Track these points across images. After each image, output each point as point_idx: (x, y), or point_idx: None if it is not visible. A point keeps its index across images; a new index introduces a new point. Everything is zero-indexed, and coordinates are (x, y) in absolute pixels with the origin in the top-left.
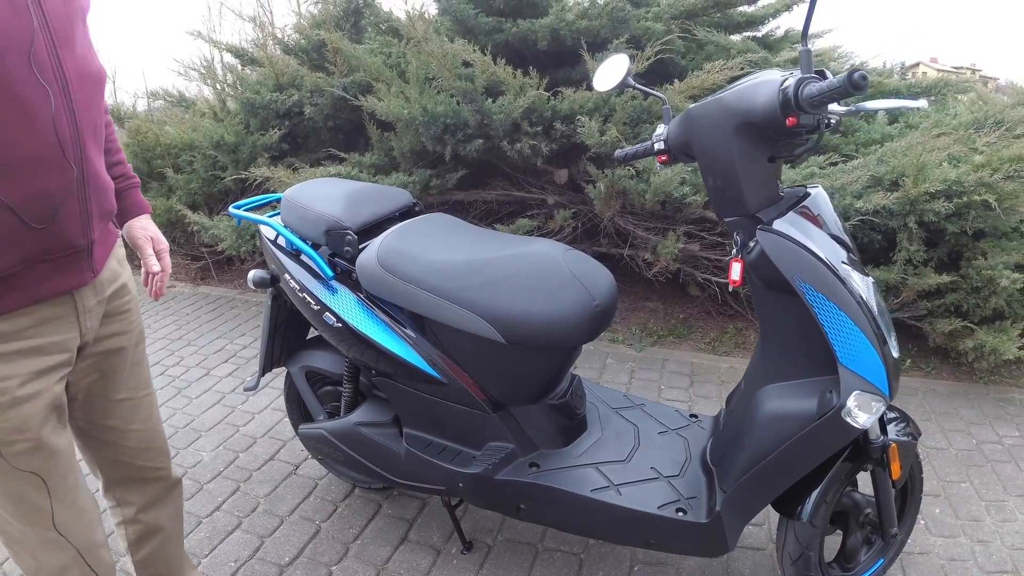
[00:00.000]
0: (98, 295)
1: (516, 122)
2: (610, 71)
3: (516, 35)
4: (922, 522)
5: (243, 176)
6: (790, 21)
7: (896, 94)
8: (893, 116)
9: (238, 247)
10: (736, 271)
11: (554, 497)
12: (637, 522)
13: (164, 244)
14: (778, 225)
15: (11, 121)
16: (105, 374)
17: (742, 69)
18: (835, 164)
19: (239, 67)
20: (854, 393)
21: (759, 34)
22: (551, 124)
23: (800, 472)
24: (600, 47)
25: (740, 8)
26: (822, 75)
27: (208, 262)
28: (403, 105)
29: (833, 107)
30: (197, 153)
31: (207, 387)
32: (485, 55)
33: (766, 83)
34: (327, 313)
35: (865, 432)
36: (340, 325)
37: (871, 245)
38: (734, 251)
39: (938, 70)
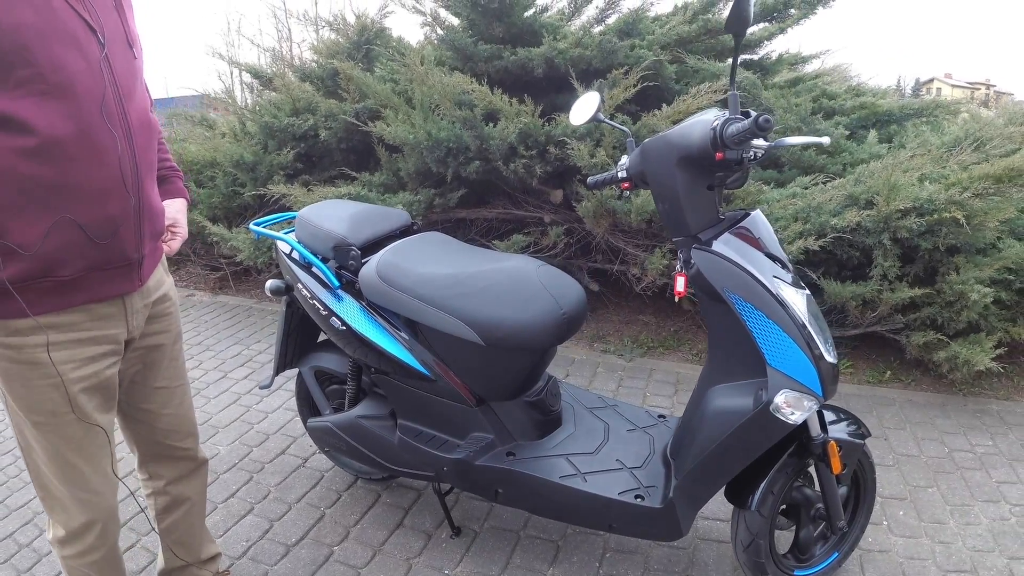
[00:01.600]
0: (144, 299)
1: (512, 146)
2: (583, 107)
3: (514, 63)
4: (885, 523)
5: (262, 192)
6: (784, 44)
7: (887, 115)
8: (886, 136)
9: (255, 259)
10: (680, 284)
11: (527, 482)
12: (599, 506)
13: (182, 231)
14: (715, 245)
15: (86, 159)
16: (147, 365)
17: (727, 92)
18: (816, 184)
19: (257, 86)
20: (782, 391)
21: (755, 57)
22: (545, 147)
23: (740, 462)
24: (593, 75)
25: (724, 38)
26: (747, 115)
27: (226, 272)
28: (409, 130)
29: (758, 143)
30: (218, 170)
31: (224, 388)
32: (483, 85)
33: (701, 122)
34: (334, 318)
35: (808, 430)
36: (345, 328)
37: (849, 261)
38: (678, 267)
39: (952, 85)
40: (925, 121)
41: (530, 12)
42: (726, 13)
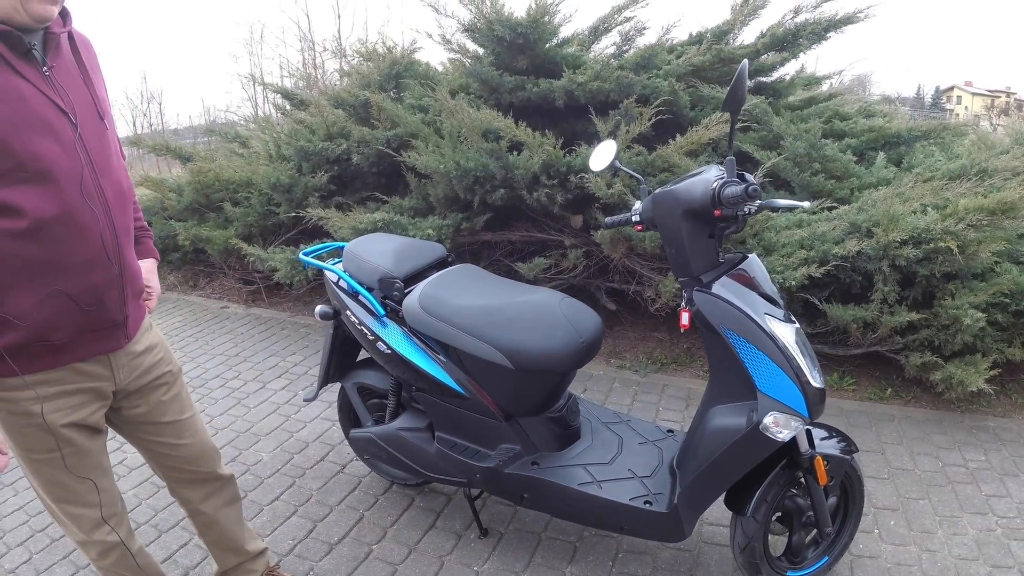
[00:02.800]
0: (129, 354)
1: (536, 175)
2: (602, 154)
3: (537, 94)
4: (876, 531)
5: (300, 215)
6: (798, 65)
7: (896, 137)
8: (896, 158)
9: (291, 277)
10: (685, 318)
11: (549, 488)
12: (612, 510)
13: (155, 290)
14: (714, 287)
15: (71, 236)
16: (151, 406)
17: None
18: (826, 209)
19: (287, 107)
20: (770, 413)
21: (769, 79)
22: (566, 177)
23: (735, 474)
24: (611, 105)
25: (737, 66)
26: (742, 178)
27: (259, 286)
28: (439, 160)
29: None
30: (254, 190)
31: (264, 398)
32: (508, 116)
33: (703, 180)
34: (380, 342)
35: (797, 446)
36: (390, 352)
37: (852, 285)
38: (683, 303)
39: (973, 93)
40: (932, 143)
41: (551, 44)
42: (740, 39)
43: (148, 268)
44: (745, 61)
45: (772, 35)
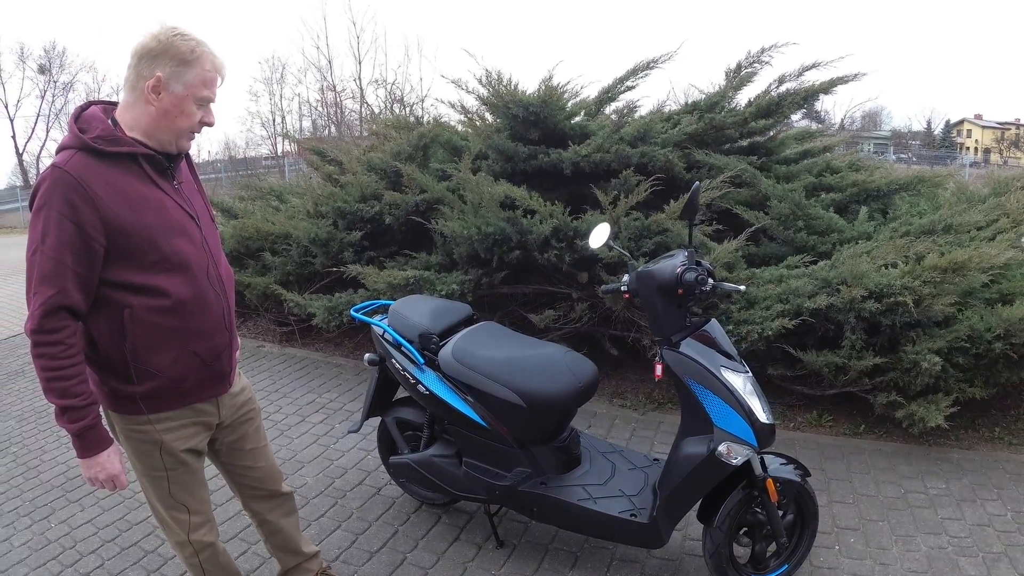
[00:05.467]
0: (231, 395)
1: (547, 238)
2: (599, 234)
3: (547, 163)
4: (837, 547)
5: (340, 270)
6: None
7: (877, 191)
8: (881, 209)
9: (328, 322)
10: (659, 370)
11: (555, 503)
12: (605, 521)
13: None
14: (681, 346)
15: (201, 311)
16: (240, 436)
17: (721, 191)
18: (804, 265)
19: (318, 160)
20: (724, 443)
21: (761, 139)
22: (573, 240)
23: (700, 491)
24: (612, 174)
25: (728, 131)
26: (699, 264)
27: (294, 328)
28: (463, 226)
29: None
30: (292, 242)
31: (304, 431)
32: (521, 184)
33: (671, 265)
34: (420, 385)
35: (752, 470)
36: (428, 393)
37: (826, 334)
38: (658, 357)
39: (983, 127)
40: (912, 194)
41: (560, 117)
42: (737, 101)
43: None
44: (697, 183)
45: (758, 105)
